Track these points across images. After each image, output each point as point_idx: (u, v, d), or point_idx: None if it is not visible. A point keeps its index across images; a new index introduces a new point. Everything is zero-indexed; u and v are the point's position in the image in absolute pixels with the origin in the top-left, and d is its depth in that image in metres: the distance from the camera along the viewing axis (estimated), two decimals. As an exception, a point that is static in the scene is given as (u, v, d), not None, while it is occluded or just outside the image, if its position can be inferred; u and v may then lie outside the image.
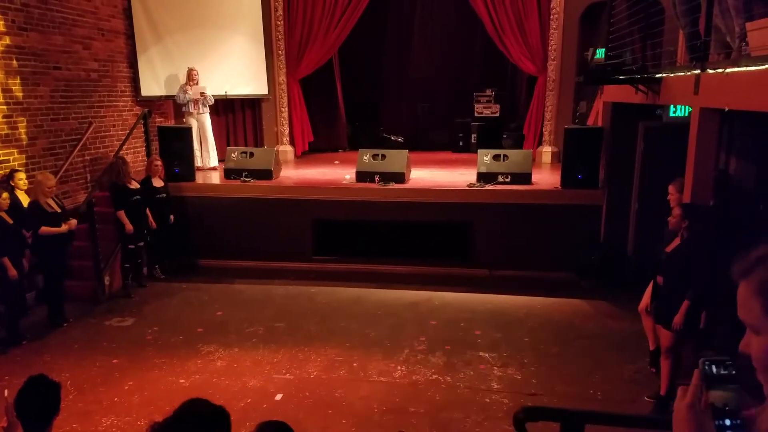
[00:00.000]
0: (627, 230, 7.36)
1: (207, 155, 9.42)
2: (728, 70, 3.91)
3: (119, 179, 7.12)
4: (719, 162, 5.03)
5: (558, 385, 5.05)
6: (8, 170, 6.69)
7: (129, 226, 7.05)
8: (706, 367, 1.18)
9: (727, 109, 4.16)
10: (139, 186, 7.33)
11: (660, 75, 5.42)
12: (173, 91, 9.61)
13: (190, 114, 9.19)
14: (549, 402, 4.76)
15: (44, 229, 5.98)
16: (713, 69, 4.20)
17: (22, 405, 2.58)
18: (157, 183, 7.63)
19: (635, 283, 5.61)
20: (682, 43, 5.33)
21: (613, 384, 5.03)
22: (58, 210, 6.20)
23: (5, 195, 5.82)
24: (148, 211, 7.41)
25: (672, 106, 6.62)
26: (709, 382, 1.17)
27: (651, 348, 5.11)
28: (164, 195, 7.66)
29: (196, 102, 9.07)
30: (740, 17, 3.94)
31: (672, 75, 5.17)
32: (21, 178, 6.45)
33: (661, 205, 5.07)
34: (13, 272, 5.66)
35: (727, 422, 1.12)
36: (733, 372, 1.17)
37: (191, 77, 9.10)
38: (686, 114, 6.19)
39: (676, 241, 4.47)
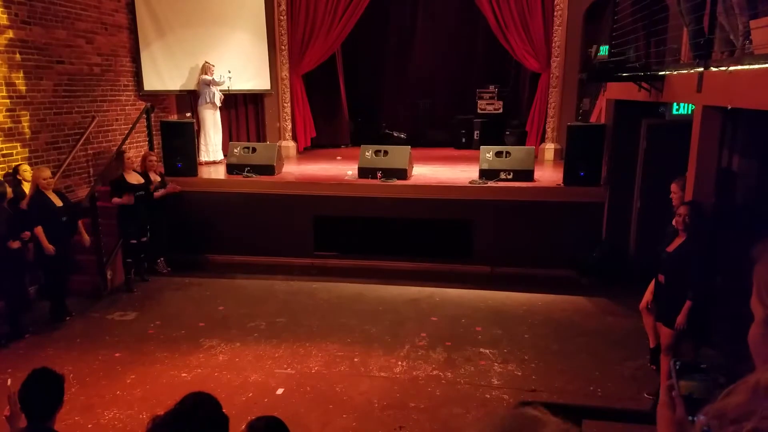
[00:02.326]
0: (629, 228, 7.36)
1: (216, 149, 9.52)
2: (731, 68, 3.90)
3: (117, 173, 7.18)
4: (722, 160, 5.03)
5: (558, 381, 5.06)
6: (13, 164, 6.71)
7: (129, 198, 6.97)
8: (677, 366, 1.21)
9: (730, 107, 4.15)
10: (143, 181, 7.34)
11: (663, 72, 5.41)
12: (175, 86, 9.65)
13: (212, 105, 9.28)
14: (549, 398, 4.76)
15: (38, 230, 5.96)
16: (716, 67, 4.19)
17: (25, 397, 2.60)
18: (154, 178, 7.62)
19: (636, 281, 5.61)
20: (686, 40, 5.32)
21: (613, 381, 5.04)
22: (60, 204, 6.20)
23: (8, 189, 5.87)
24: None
25: (675, 103, 6.61)
26: (679, 374, 1.19)
27: (651, 345, 5.12)
28: (162, 190, 7.66)
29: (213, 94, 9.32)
30: (744, 15, 3.94)
31: (675, 73, 5.16)
32: (26, 169, 6.47)
33: (663, 203, 5.07)
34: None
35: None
36: (703, 366, 1.20)
37: (208, 71, 9.26)
38: (689, 112, 6.18)
39: (678, 240, 4.47)
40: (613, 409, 3.35)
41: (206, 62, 9.38)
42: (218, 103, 9.38)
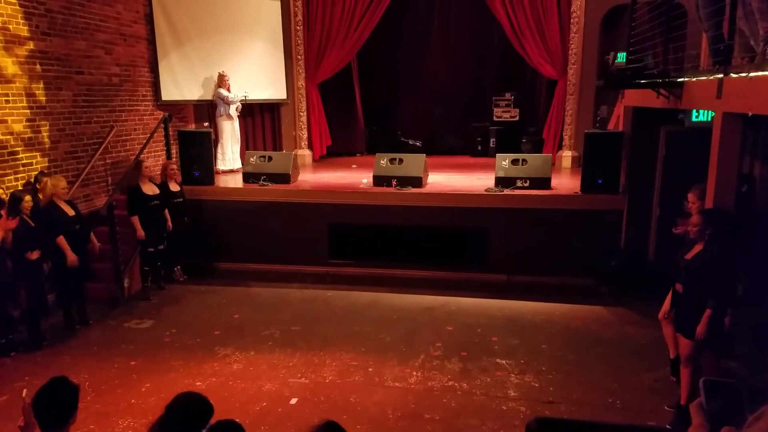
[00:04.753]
0: (648, 236, 7.25)
1: (237, 157, 9.63)
2: (752, 74, 3.83)
3: (134, 182, 7.26)
4: (743, 167, 4.93)
5: (576, 393, 4.98)
6: (35, 173, 6.80)
7: (140, 232, 7.10)
8: (706, 385, 1.18)
9: (750, 113, 4.07)
10: (158, 191, 7.41)
11: (682, 79, 5.33)
12: (193, 96, 9.74)
13: (228, 116, 9.38)
14: (567, 410, 4.69)
15: (61, 239, 6.03)
16: (736, 73, 4.12)
17: (39, 407, 2.60)
18: (174, 187, 7.70)
19: (656, 290, 5.51)
20: (705, 46, 5.24)
21: (632, 392, 4.94)
22: (72, 213, 6.26)
23: (28, 198, 5.94)
24: (167, 213, 7.49)
25: (694, 110, 6.51)
26: (708, 393, 1.16)
27: (672, 356, 5.02)
28: (180, 199, 7.74)
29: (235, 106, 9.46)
30: (765, 20, 3.87)
31: (694, 79, 5.08)
32: (46, 182, 6.53)
33: (683, 211, 4.98)
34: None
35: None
36: (731, 382, 1.17)
37: (223, 82, 9.33)
38: (709, 119, 6.08)
39: (697, 248, 4.37)
40: (628, 426, 3.27)
41: (220, 73, 9.42)
42: (234, 114, 9.45)
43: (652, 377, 5.18)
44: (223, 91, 9.30)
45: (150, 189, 7.33)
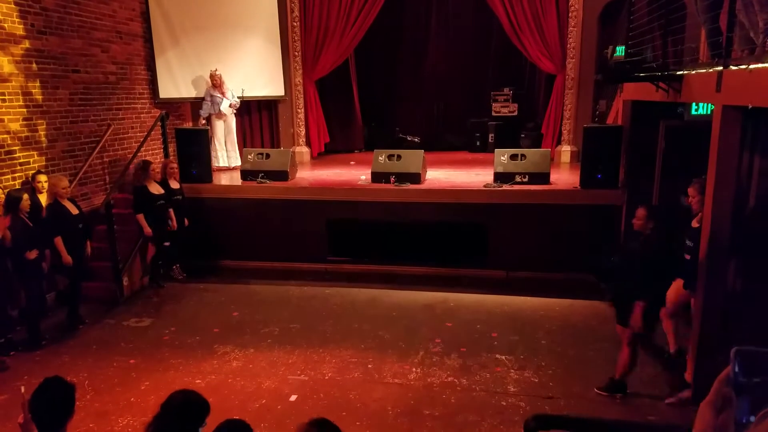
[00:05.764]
0: (647, 231, 7.22)
1: (233, 155, 9.59)
2: (752, 66, 3.80)
3: (141, 182, 7.28)
4: (742, 161, 4.90)
5: (576, 387, 4.97)
6: (30, 172, 6.79)
7: (147, 229, 7.14)
8: (737, 368, 1.13)
9: (750, 106, 4.04)
10: (163, 190, 7.41)
11: (681, 72, 5.30)
12: (191, 93, 9.70)
13: (218, 115, 9.35)
14: (566, 405, 4.68)
15: (58, 240, 6.03)
16: (736, 65, 4.09)
17: (36, 407, 2.59)
18: (173, 185, 7.70)
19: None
20: (704, 39, 5.21)
21: (632, 387, 4.92)
22: (76, 212, 6.26)
23: (26, 197, 5.92)
24: (171, 212, 7.51)
25: (694, 104, 6.49)
26: (737, 388, 1.12)
27: (671, 350, 5.05)
28: (180, 197, 7.73)
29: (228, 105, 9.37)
30: (764, 12, 3.84)
31: (693, 72, 5.06)
32: (40, 180, 6.52)
33: (683, 206, 4.97)
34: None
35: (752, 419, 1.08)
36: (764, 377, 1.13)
37: (214, 81, 9.24)
38: (708, 112, 6.06)
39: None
40: (626, 422, 3.26)
41: (212, 72, 9.26)
42: (227, 111, 9.36)
43: (652, 372, 5.18)
44: (217, 95, 9.20)
45: (156, 189, 7.37)
